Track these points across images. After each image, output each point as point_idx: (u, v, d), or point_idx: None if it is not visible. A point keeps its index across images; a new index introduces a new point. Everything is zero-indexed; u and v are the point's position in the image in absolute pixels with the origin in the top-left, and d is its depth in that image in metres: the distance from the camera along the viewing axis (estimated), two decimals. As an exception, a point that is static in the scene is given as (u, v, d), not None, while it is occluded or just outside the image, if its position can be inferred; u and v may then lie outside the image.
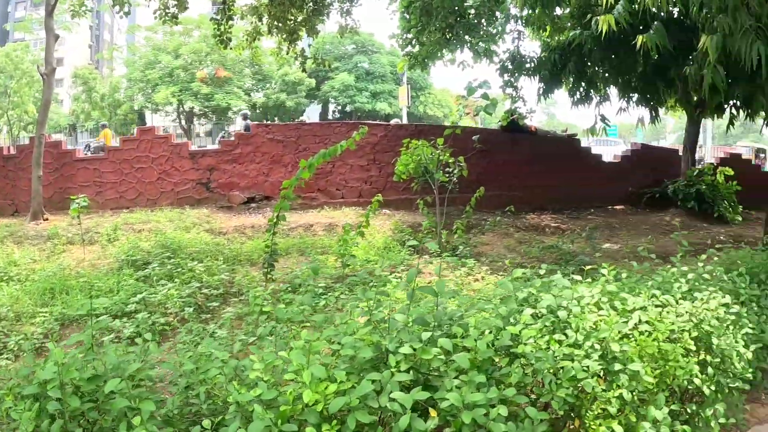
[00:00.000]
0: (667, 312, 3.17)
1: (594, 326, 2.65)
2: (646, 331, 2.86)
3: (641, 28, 7.40)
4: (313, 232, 9.27)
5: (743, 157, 19.27)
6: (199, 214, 10.21)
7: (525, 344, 2.39)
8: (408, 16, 11.28)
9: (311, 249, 7.85)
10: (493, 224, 9.81)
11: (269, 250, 5.76)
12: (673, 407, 2.89)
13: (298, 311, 3.38)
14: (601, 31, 6.79)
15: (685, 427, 2.87)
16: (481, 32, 11.16)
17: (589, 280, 3.24)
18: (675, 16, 9.79)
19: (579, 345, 2.50)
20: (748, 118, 10.87)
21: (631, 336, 2.77)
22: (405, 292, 2.70)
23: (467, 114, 7.38)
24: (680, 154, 14.31)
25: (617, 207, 13.51)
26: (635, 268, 3.84)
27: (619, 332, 2.69)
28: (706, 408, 3.10)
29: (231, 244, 8.19)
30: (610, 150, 17.25)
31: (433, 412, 2.12)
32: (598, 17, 6.89)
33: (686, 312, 3.18)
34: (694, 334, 3.08)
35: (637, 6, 6.97)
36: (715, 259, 4.68)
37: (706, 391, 3.04)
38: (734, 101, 10.06)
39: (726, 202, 12.73)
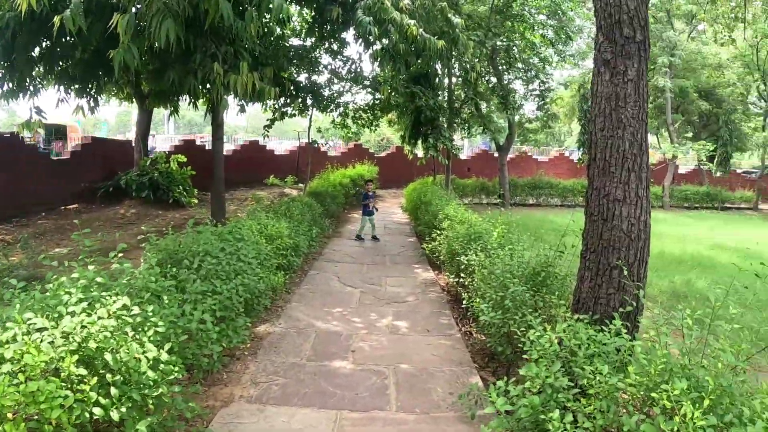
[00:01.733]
0: (49, 336, 2.71)
1: None
2: (8, 372, 2.35)
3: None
4: None
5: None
6: None
7: None
8: None
9: None
10: None
11: None
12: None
13: None
14: (26, 11, 5.75)
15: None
16: None
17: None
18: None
19: None
20: (190, 105, 10.23)
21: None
22: None
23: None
24: (134, 144, 14.45)
25: (71, 206, 12.75)
26: (16, 285, 3.17)
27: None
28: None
29: None
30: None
31: None
32: None
33: (63, 333, 2.77)
34: (75, 358, 2.64)
35: None
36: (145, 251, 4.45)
37: (115, 416, 2.64)
38: (173, 87, 9.74)
39: (181, 187, 13.67)
